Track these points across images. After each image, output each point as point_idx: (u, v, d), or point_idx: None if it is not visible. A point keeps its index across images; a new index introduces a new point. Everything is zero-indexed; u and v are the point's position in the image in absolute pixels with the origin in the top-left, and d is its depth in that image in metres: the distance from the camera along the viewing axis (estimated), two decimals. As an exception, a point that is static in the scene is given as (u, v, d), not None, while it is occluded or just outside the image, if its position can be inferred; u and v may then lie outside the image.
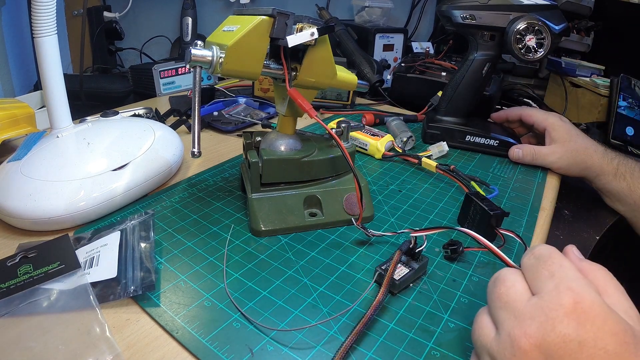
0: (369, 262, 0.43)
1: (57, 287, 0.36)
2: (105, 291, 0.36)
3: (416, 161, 0.63)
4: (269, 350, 0.32)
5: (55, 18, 0.49)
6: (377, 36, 1.09)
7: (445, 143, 0.67)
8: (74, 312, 0.34)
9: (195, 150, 0.42)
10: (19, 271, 0.37)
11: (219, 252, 0.43)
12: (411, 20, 1.35)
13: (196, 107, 0.41)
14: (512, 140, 0.69)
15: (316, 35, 0.41)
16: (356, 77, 0.52)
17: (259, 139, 0.50)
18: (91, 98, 0.83)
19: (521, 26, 0.61)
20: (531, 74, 1.12)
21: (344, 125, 0.50)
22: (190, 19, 1.09)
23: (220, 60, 0.39)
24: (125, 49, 1.12)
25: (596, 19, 1.02)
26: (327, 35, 0.43)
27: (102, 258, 0.39)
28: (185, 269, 0.41)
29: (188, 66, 0.40)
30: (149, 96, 0.94)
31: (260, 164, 0.45)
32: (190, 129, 0.71)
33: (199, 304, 0.37)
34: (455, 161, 0.68)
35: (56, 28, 0.50)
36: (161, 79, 0.94)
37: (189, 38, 1.10)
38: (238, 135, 0.74)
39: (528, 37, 0.62)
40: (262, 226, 0.46)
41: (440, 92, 0.74)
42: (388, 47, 1.12)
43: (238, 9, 0.45)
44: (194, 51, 0.39)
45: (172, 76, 0.96)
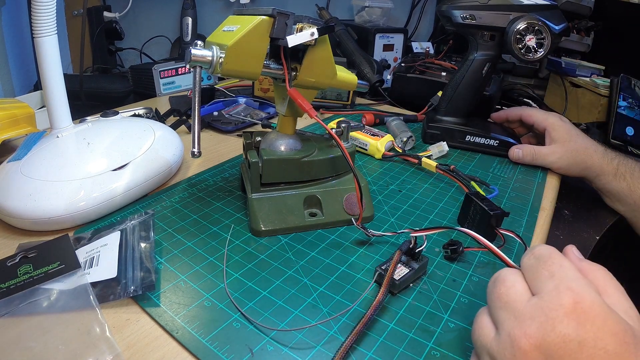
0: (369, 262, 0.43)
1: (57, 287, 0.36)
2: (105, 291, 0.36)
3: (416, 161, 0.63)
4: (269, 350, 0.32)
5: (55, 18, 0.49)
6: (377, 36, 1.09)
7: (445, 143, 0.67)
8: (74, 312, 0.34)
9: (195, 150, 0.42)
10: (19, 271, 0.37)
11: (219, 252, 0.43)
12: (411, 20, 1.35)
13: (196, 107, 0.41)
14: (512, 140, 0.69)
15: (316, 35, 0.41)
16: (356, 77, 0.52)
17: (259, 139, 0.50)
18: (91, 98, 0.83)
19: (521, 26, 0.61)
20: (531, 74, 1.12)
21: (344, 125, 0.50)
22: (190, 19, 1.09)
23: (220, 60, 0.39)
24: (125, 49, 1.12)
25: (596, 19, 1.02)
26: (327, 35, 0.43)
27: (102, 258, 0.39)
28: (185, 269, 0.41)
29: (188, 66, 0.40)
30: (149, 96, 0.94)
31: (260, 164, 0.45)
32: (190, 129, 0.71)
33: (199, 304, 0.37)
34: (455, 161, 0.68)
35: (56, 28, 0.50)
36: (161, 79, 0.94)
37: (189, 38, 1.10)
38: (238, 135, 0.74)
39: (528, 37, 0.62)
40: (262, 226, 0.46)
41: (440, 92, 0.74)
42: (388, 47, 1.12)
43: (238, 9, 0.45)
44: (194, 51, 0.39)
45: (172, 76, 0.96)
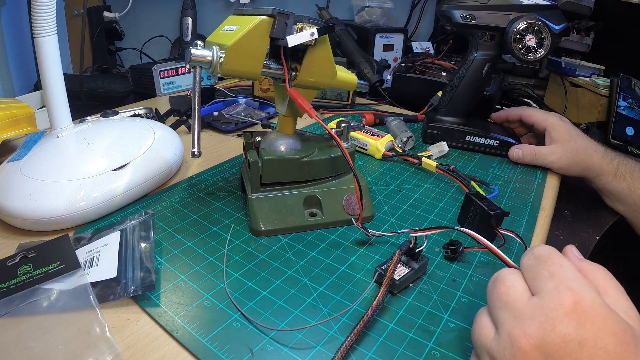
0: (369, 262, 0.43)
1: (57, 287, 0.36)
2: (105, 291, 0.36)
3: (416, 161, 0.63)
4: (269, 350, 0.32)
5: (55, 18, 0.49)
6: (377, 36, 1.09)
7: (445, 143, 0.67)
8: (74, 312, 0.34)
9: (195, 150, 0.42)
10: (19, 271, 0.37)
11: (219, 252, 0.43)
12: (411, 20, 1.35)
13: (196, 107, 0.41)
14: (512, 140, 0.69)
15: (316, 35, 0.41)
16: (356, 77, 0.52)
17: (259, 139, 0.50)
18: (91, 98, 0.83)
19: (521, 26, 0.61)
20: (531, 74, 1.12)
21: (344, 125, 0.50)
22: (190, 19, 1.09)
23: (220, 60, 0.39)
24: (125, 49, 1.12)
25: (596, 19, 1.02)
26: (327, 35, 0.43)
27: (102, 258, 0.39)
28: (185, 269, 0.41)
29: (188, 66, 0.40)
30: (149, 96, 0.94)
31: (260, 164, 0.45)
32: (190, 129, 0.71)
33: (199, 304, 0.37)
34: (455, 161, 0.68)
35: (56, 28, 0.50)
36: (161, 79, 0.94)
37: (189, 38, 1.10)
38: (238, 135, 0.74)
39: (528, 37, 0.62)
40: (262, 226, 0.46)
41: (440, 92, 0.74)
42: (388, 47, 1.12)
43: (238, 9, 0.45)
44: (194, 51, 0.39)
45: (172, 76, 0.96)
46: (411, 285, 0.40)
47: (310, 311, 0.36)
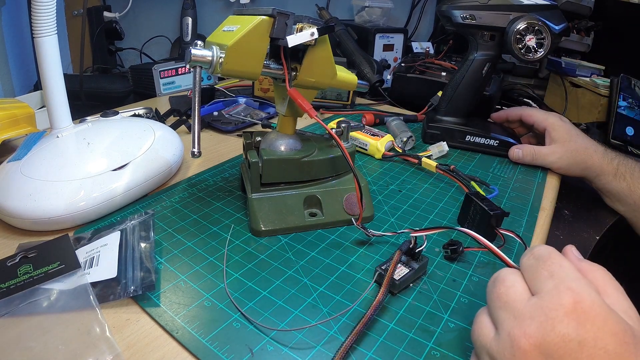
0: (369, 262, 0.43)
1: (57, 287, 0.36)
2: (105, 291, 0.36)
3: (416, 161, 0.63)
4: (269, 350, 0.32)
5: (55, 18, 0.49)
6: (377, 36, 1.09)
7: (445, 143, 0.67)
8: (74, 312, 0.34)
9: (195, 150, 0.42)
10: (19, 271, 0.37)
11: (219, 252, 0.43)
12: (411, 20, 1.35)
13: (196, 107, 0.41)
14: (512, 140, 0.69)
15: (316, 35, 0.41)
16: (356, 77, 0.52)
17: (259, 139, 0.50)
18: (91, 98, 0.83)
19: (521, 26, 0.61)
20: (531, 74, 1.12)
21: (344, 125, 0.50)
22: (190, 19, 1.09)
23: (220, 60, 0.39)
24: (125, 49, 1.12)
25: (596, 19, 1.02)
26: (327, 35, 0.43)
27: (102, 258, 0.39)
28: (185, 269, 0.41)
29: (188, 66, 0.40)
30: (149, 96, 0.94)
31: (260, 164, 0.45)
32: (190, 129, 0.71)
33: (199, 304, 0.37)
34: (455, 161, 0.68)
35: (56, 28, 0.50)
36: (161, 79, 0.94)
37: (189, 38, 1.10)
38: (238, 135, 0.74)
39: (528, 37, 0.62)
40: (262, 226, 0.46)
41: (440, 92, 0.74)
42: (388, 47, 1.12)
43: (238, 9, 0.45)
44: (194, 51, 0.39)
45: (172, 76, 0.96)
46: (411, 285, 0.40)
47: (310, 311, 0.36)
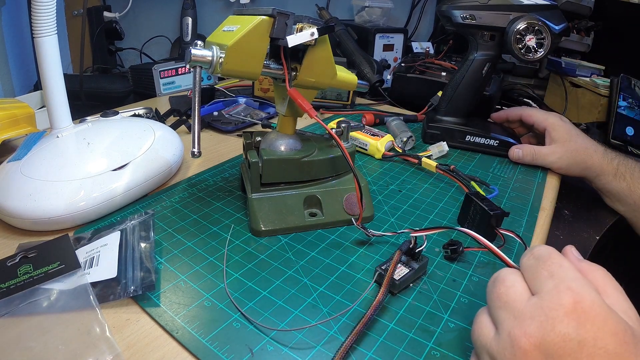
0: (369, 262, 0.43)
1: (57, 287, 0.36)
2: (105, 291, 0.36)
3: (416, 161, 0.63)
4: (269, 350, 0.32)
5: (55, 18, 0.49)
6: (377, 36, 1.09)
7: (445, 143, 0.67)
8: (74, 312, 0.34)
9: (195, 150, 0.42)
10: (19, 271, 0.37)
11: (219, 252, 0.43)
12: (411, 20, 1.35)
13: (196, 107, 0.41)
14: (512, 140, 0.69)
15: (316, 35, 0.41)
16: (356, 77, 0.52)
17: (259, 139, 0.50)
18: (91, 98, 0.83)
19: (521, 26, 0.61)
20: (531, 74, 1.12)
21: (344, 125, 0.50)
22: (190, 19, 1.09)
23: (220, 60, 0.39)
24: (125, 49, 1.12)
25: (596, 19, 1.02)
26: (327, 35, 0.43)
27: (102, 258, 0.39)
28: (185, 269, 0.41)
29: (188, 66, 0.40)
30: (149, 96, 0.94)
31: (260, 164, 0.45)
32: (190, 129, 0.71)
33: (199, 304, 0.37)
34: (455, 161, 0.68)
35: (56, 28, 0.50)
36: (161, 79, 0.94)
37: (189, 38, 1.10)
38: (238, 135, 0.74)
39: (528, 37, 0.62)
40: (262, 226, 0.46)
41: (440, 92, 0.74)
42: (388, 47, 1.12)
43: (238, 9, 0.45)
44: (194, 51, 0.39)
45: (172, 76, 0.96)
46: (411, 285, 0.40)
47: (310, 311, 0.36)
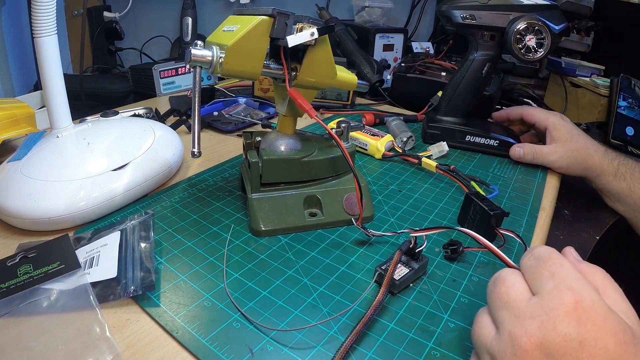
0: (369, 262, 0.43)
1: (57, 287, 0.36)
2: (105, 291, 0.36)
3: (416, 161, 0.63)
4: (269, 350, 0.32)
5: (55, 18, 0.49)
6: (377, 36, 1.09)
7: (445, 143, 0.67)
8: (74, 312, 0.34)
9: (195, 150, 0.42)
10: (19, 271, 0.37)
11: (219, 252, 0.43)
12: (411, 20, 1.35)
13: (196, 107, 0.41)
14: (512, 140, 0.69)
15: (316, 35, 0.41)
16: (356, 77, 0.52)
17: (259, 139, 0.50)
18: (91, 98, 0.83)
19: (521, 26, 0.61)
20: (531, 74, 1.12)
21: (344, 125, 0.50)
22: (190, 19, 1.09)
23: (220, 60, 0.39)
24: (125, 49, 1.12)
25: (596, 19, 1.02)
26: (327, 35, 0.43)
27: (102, 258, 0.39)
28: (185, 269, 0.41)
29: (188, 66, 0.40)
30: (149, 96, 0.94)
31: (260, 164, 0.45)
32: (190, 129, 0.71)
33: (199, 304, 0.36)
34: (455, 161, 0.67)
35: (56, 28, 0.50)
36: (161, 79, 0.94)
37: (189, 38, 1.10)
38: (238, 135, 0.74)
39: (528, 37, 0.62)
40: (262, 226, 0.46)
41: (440, 92, 0.74)
42: (388, 47, 1.12)
43: (238, 9, 0.45)
44: (194, 51, 0.39)
45: (172, 76, 0.96)
46: (411, 285, 0.40)
47: (310, 311, 0.36)
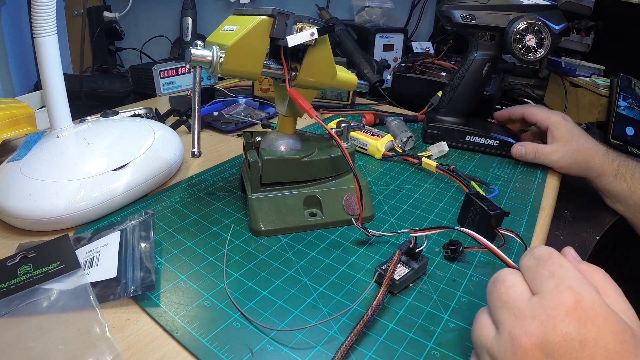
0: (369, 262, 0.43)
1: (57, 287, 0.36)
2: (105, 291, 0.36)
3: (416, 161, 0.63)
4: (269, 350, 0.32)
5: (55, 18, 0.49)
6: (377, 36, 1.09)
7: (445, 143, 0.67)
8: (74, 312, 0.34)
9: (195, 150, 0.42)
10: (19, 271, 0.37)
11: (219, 252, 0.43)
12: (411, 20, 1.35)
13: (196, 107, 0.41)
14: (512, 140, 0.69)
15: (316, 35, 0.41)
16: (356, 77, 0.52)
17: (259, 139, 0.50)
18: (91, 98, 0.83)
19: (521, 26, 0.61)
20: (531, 74, 1.12)
21: (344, 125, 0.50)
22: (190, 19, 1.09)
23: (220, 60, 0.39)
24: (125, 49, 1.12)
25: (596, 19, 1.02)
26: (327, 35, 0.43)
27: (102, 258, 0.39)
28: (185, 269, 0.41)
29: (188, 66, 0.40)
30: (149, 96, 0.94)
31: (260, 164, 0.45)
32: (190, 129, 0.71)
33: (199, 304, 0.36)
34: (455, 161, 0.67)
35: (56, 28, 0.50)
36: (161, 79, 0.94)
37: (189, 38, 1.10)
38: (238, 135, 0.74)
39: (528, 37, 0.62)
40: (262, 226, 0.46)
41: (440, 92, 0.74)
42: (388, 47, 1.12)
43: (238, 9, 0.45)
44: (194, 51, 0.39)
45: (172, 76, 0.96)
46: (411, 285, 0.40)
47: (310, 311, 0.36)
